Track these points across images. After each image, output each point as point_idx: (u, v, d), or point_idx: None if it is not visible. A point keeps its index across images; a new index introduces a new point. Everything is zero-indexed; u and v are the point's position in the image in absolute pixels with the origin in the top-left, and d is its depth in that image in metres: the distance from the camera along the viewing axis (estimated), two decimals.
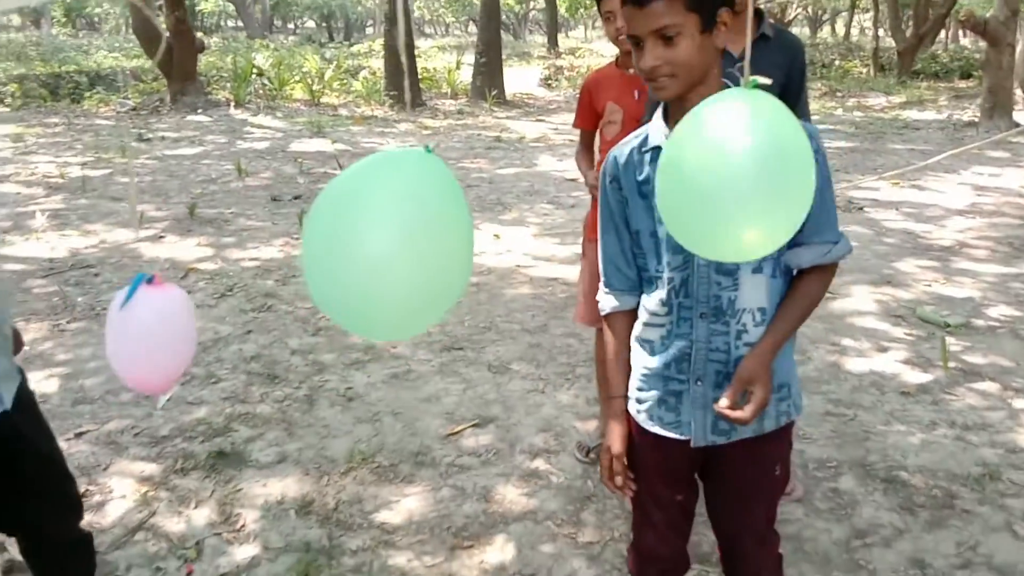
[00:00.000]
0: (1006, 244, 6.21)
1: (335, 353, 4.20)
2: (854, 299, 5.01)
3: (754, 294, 1.60)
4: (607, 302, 1.76)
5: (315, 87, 15.97)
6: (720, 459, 1.73)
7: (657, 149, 1.59)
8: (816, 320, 4.64)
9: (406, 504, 2.90)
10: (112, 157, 9.73)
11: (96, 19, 49.16)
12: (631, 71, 2.88)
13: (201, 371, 3.96)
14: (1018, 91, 12.99)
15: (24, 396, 1.98)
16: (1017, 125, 11.47)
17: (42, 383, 3.81)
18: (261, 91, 15.79)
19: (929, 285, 5.27)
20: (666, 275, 1.63)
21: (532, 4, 45.06)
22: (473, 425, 3.45)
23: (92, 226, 6.69)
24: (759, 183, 1.05)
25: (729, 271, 1.59)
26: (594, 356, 3.38)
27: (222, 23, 49.01)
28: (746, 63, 1.09)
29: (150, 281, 1.29)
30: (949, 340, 4.23)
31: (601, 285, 1.79)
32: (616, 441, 1.75)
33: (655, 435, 1.72)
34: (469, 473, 3.10)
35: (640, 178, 1.63)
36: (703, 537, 2.54)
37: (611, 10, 2.70)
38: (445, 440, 3.34)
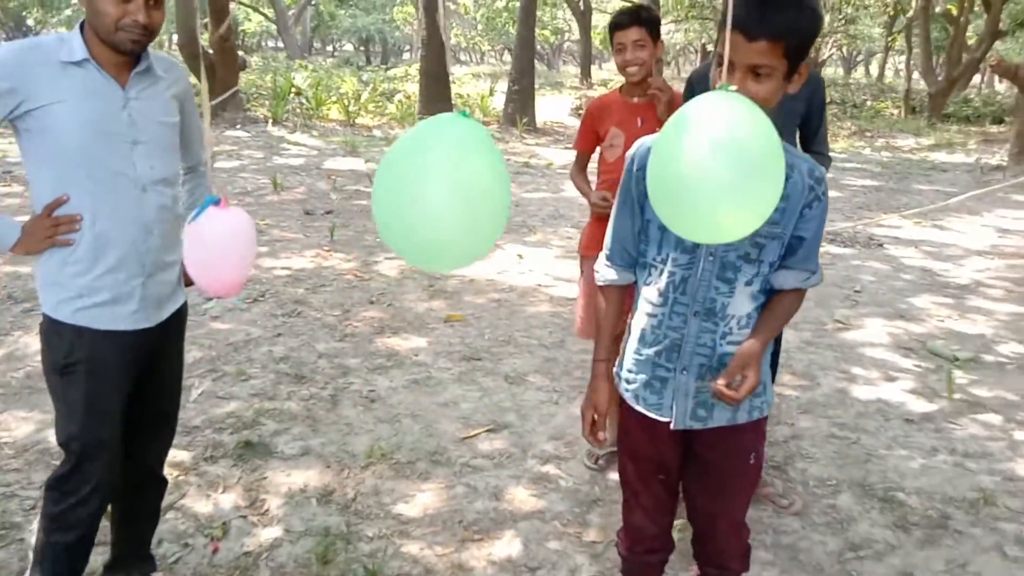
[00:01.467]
0: (1022, 285, 6.28)
1: (360, 358, 4.39)
2: (867, 331, 5.12)
3: (744, 303, 1.79)
4: (607, 274, 1.94)
5: (351, 108, 16.34)
6: (699, 444, 1.91)
7: None
8: (827, 348, 4.76)
9: (421, 499, 3.06)
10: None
11: None
12: (635, 99, 3.06)
13: (232, 369, 4.15)
14: None
15: (175, 323, 2.25)
16: None
17: None
18: (299, 110, 16.18)
19: (942, 321, 5.37)
20: (668, 268, 1.80)
21: (567, 35, 45.61)
22: (488, 430, 3.61)
23: None
24: (735, 174, 1.23)
25: (728, 279, 1.76)
26: None
27: (263, 43, 50.06)
28: (724, 68, 1.25)
29: (217, 203, 1.58)
30: (957, 373, 4.33)
31: (602, 256, 1.96)
32: (601, 398, 1.94)
33: (641, 416, 1.90)
34: (482, 474, 3.25)
35: None
36: None
37: (622, 42, 2.92)
38: (461, 442, 3.49)
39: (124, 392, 2.15)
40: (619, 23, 2.96)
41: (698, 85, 2.73)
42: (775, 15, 1.55)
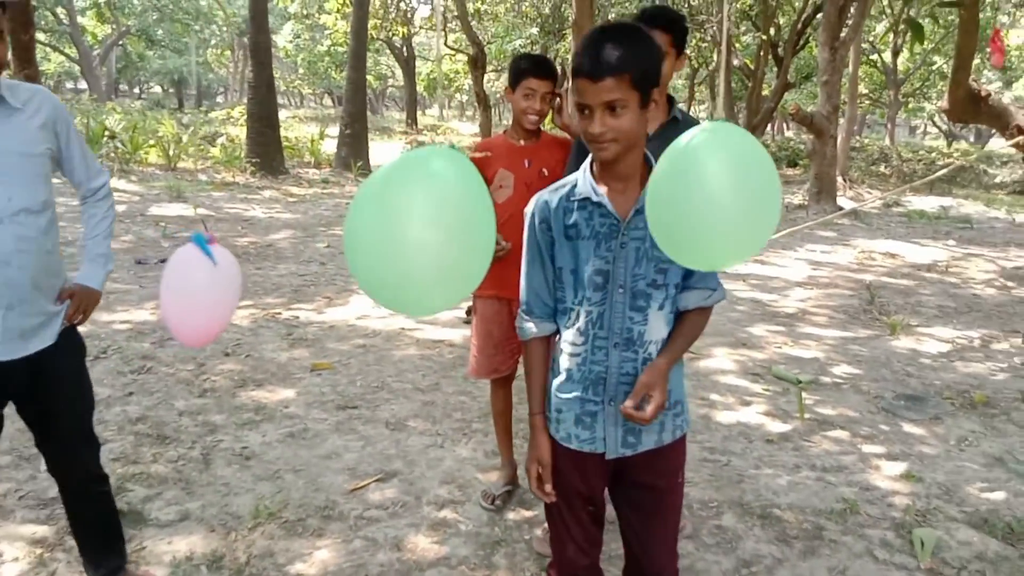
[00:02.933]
0: (842, 312, 6.92)
1: (225, 414, 4.15)
2: (716, 359, 5.44)
3: (658, 327, 1.87)
4: (528, 329, 1.97)
5: (171, 152, 15.57)
6: (630, 469, 1.97)
7: (585, 199, 1.84)
8: (685, 378, 5.00)
9: (319, 556, 2.92)
10: None
11: None
12: (521, 142, 3.15)
13: None
14: (840, 178, 14.47)
15: (60, 351, 2.27)
16: (841, 208, 12.77)
17: None
18: (114, 154, 15.22)
19: (779, 347, 5.80)
20: (584, 308, 1.87)
21: (390, 81, 45.90)
22: (377, 480, 3.51)
23: None
24: (736, 202, 1.30)
25: (641, 308, 1.85)
26: (490, 409, 3.53)
27: (62, 84, 46.79)
28: (720, 103, 1.33)
29: (208, 242, 1.39)
30: (804, 395, 4.68)
31: (521, 313, 1.99)
32: (544, 452, 1.95)
33: (572, 452, 1.94)
34: (379, 525, 3.15)
35: (568, 223, 1.86)
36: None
37: (534, 89, 2.97)
38: (350, 495, 3.38)
39: None
40: (538, 73, 2.98)
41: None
42: (612, 53, 1.67)
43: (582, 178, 1.87)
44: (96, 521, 2.57)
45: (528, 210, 1.93)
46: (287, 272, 7.65)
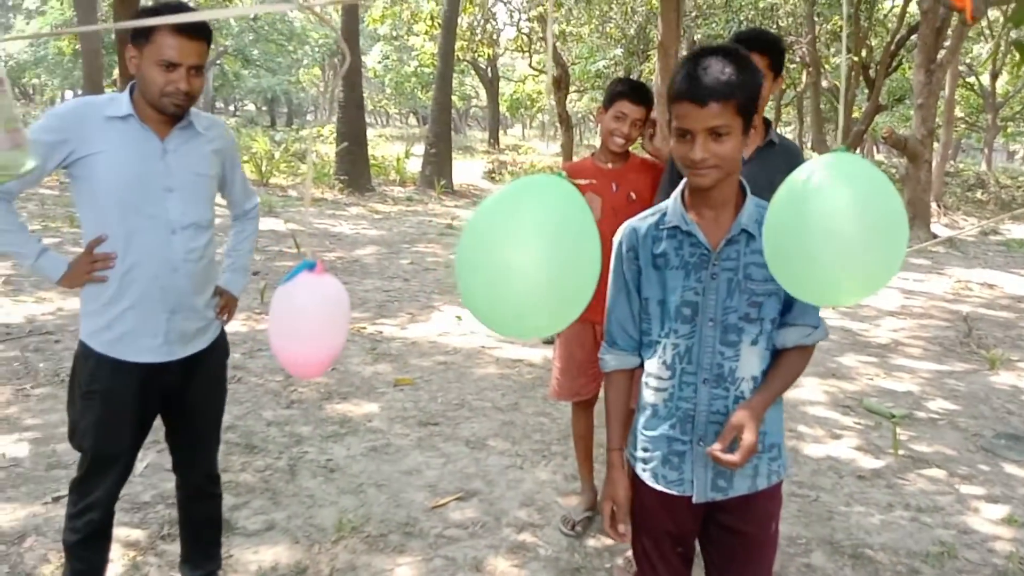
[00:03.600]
0: (937, 344, 6.65)
1: (311, 426, 4.23)
2: (806, 390, 5.28)
3: (751, 363, 1.77)
4: (611, 361, 1.91)
5: (264, 168, 16.10)
6: (720, 513, 1.86)
7: (674, 228, 1.79)
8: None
9: (400, 573, 2.93)
10: (60, 227, 9.61)
11: (31, 90, 48.65)
12: (609, 165, 3.13)
13: None
14: (934, 204, 13.95)
15: (208, 356, 2.45)
16: (935, 236, 12.30)
17: (12, 447, 3.75)
18: None
19: (871, 379, 5.60)
20: (671, 341, 1.79)
21: (474, 101, 46.52)
22: (457, 498, 3.52)
23: (46, 293, 6.58)
24: (861, 237, 1.25)
25: (732, 343, 1.76)
26: (571, 432, 3.51)
27: None
28: (840, 132, 1.29)
29: (312, 268, 1.37)
30: (896, 430, 4.50)
31: (604, 344, 1.94)
32: (620, 490, 1.88)
33: (660, 492, 1.86)
34: (459, 544, 3.15)
35: (657, 252, 1.81)
36: None
37: (625, 113, 2.96)
38: (431, 512, 3.39)
39: (139, 417, 2.35)
40: (633, 98, 2.97)
41: None
42: (720, 77, 1.62)
43: (672, 205, 1.82)
44: (204, 522, 2.70)
45: (616, 238, 1.89)
46: (372, 287, 7.79)
